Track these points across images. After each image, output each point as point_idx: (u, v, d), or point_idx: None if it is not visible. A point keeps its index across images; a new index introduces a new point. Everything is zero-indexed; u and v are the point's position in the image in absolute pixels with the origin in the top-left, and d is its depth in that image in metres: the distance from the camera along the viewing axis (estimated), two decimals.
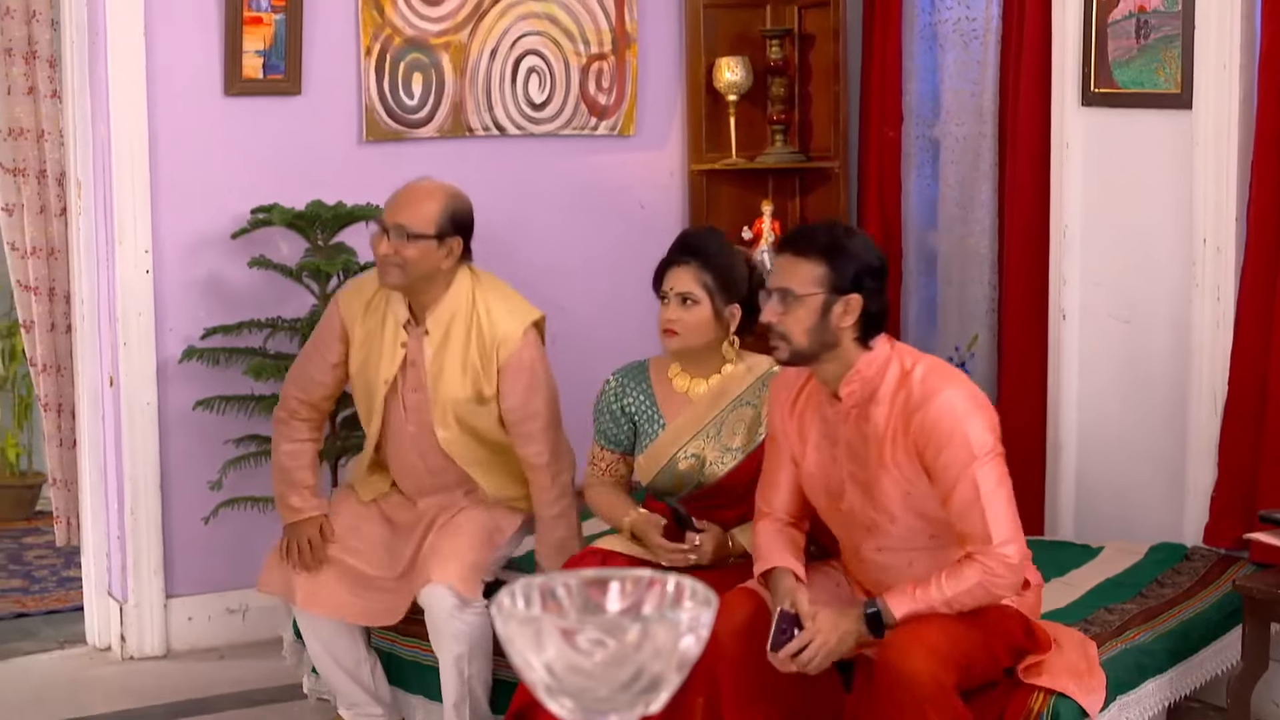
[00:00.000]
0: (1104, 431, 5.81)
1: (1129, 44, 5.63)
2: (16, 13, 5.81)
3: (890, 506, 4.05)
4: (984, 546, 3.93)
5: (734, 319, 4.60)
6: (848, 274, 4.01)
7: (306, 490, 5.01)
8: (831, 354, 4.05)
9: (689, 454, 4.62)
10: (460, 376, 4.81)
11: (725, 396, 4.63)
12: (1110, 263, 5.76)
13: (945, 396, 3.96)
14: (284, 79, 6.04)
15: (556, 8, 6.53)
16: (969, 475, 3.93)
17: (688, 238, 4.74)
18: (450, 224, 4.75)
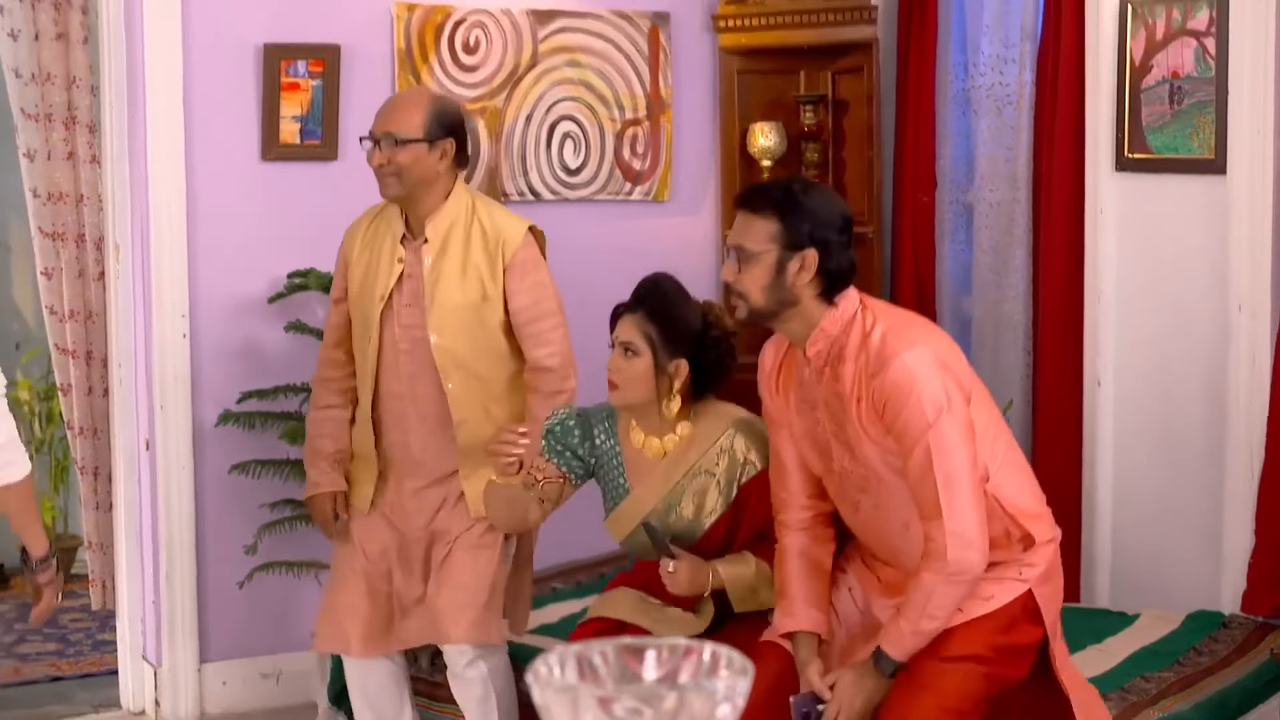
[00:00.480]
0: (1140, 498, 5.79)
1: (1162, 109, 5.64)
2: (58, 79, 5.86)
3: (875, 467, 3.93)
4: (936, 524, 3.79)
5: (678, 375, 4.37)
6: (802, 230, 3.89)
7: (324, 462, 4.97)
8: (792, 312, 3.93)
9: (656, 521, 4.45)
10: (459, 281, 4.77)
11: (680, 466, 4.43)
12: (1145, 328, 5.76)
13: (900, 361, 3.81)
14: (321, 144, 6.09)
15: (591, 74, 6.58)
16: (922, 444, 3.78)
17: (639, 285, 4.52)
18: (438, 125, 4.75)
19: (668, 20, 6.69)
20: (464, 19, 6.33)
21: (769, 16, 6.70)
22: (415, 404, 4.84)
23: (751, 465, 4.37)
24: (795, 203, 3.93)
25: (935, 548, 3.80)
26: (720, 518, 4.39)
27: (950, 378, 3.85)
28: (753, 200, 4.00)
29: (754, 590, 4.35)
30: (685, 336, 4.37)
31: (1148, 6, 5.67)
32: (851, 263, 3.96)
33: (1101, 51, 5.80)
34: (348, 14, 6.13)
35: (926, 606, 3.83)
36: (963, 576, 3.82)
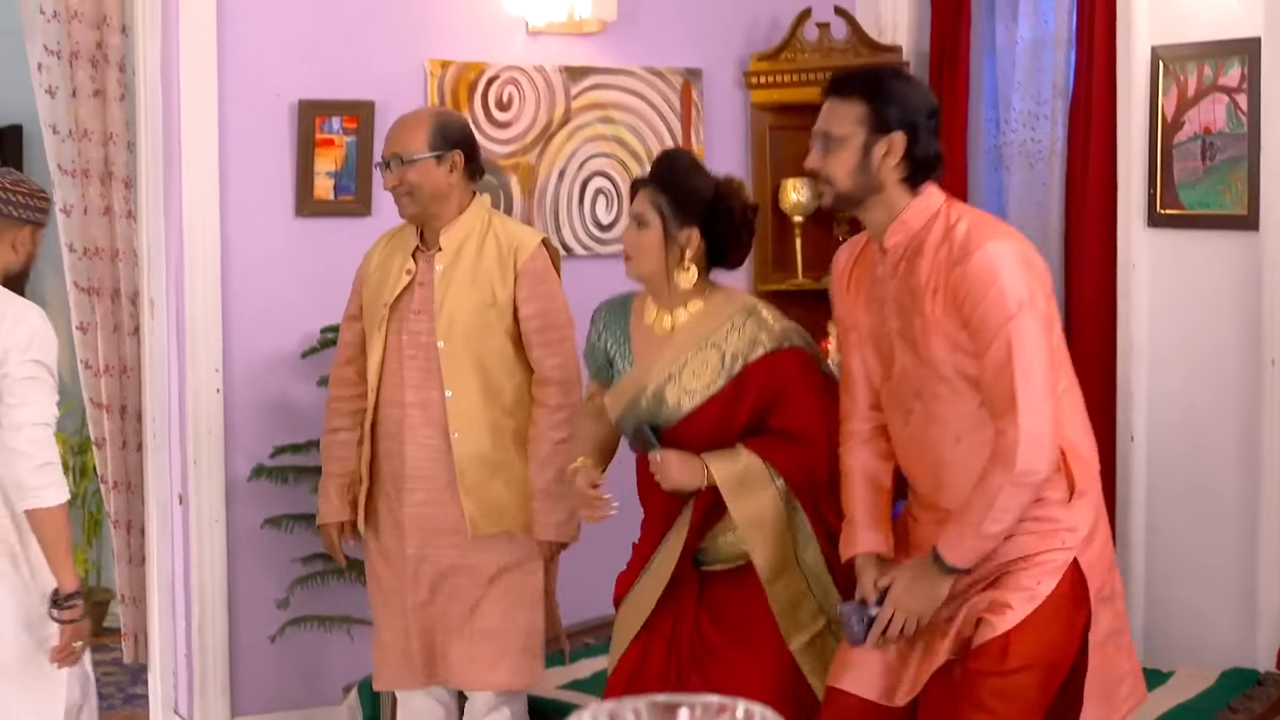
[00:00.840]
0: (1173, 553, 5.76)
1: (1195, 165, 5.64)
2: (94, 135, 5.90)
3: (938, 365, 3.85)
4: (1010, 419, 3.70)
5: (689, 245, 4.35)
6: (890, 114, 3.86)
7: (333, 490, 5.00)
8: (876, 199, 3.90)
9: (650, 394, 4.39)
10: (469, 287, 4.77)
11: (691, 338, 4.37)
12: (1178, 383, 5.75)
13: (986, 249, 3.76)
14: (354, 200, 6.12)
15: (624, 129, 6.61)
16: (1003, 335, 3.71)
17: (655, 160, 4.54)
18: (442, 139, 4.79)
19: (700, 77, 6.72)
20: (497, 76, 6.37)
21: (800, 73, 6.72)
22: (422, 411, 4.82)
23: (760, 345, 4.32)
24: (883, 86, 3.90)
25: (1006, 444, 3.71)
26: (717, 394, 4.32)
27: (1034, 276, 3.80)
28: (841, 85, 3.96)
29: (743, 483, 4.28)
30: (696, 206, 4.36)
31: (1179, 63, 5.67)
32: (938, 153, 3.92)
33: (1133, 107, 5.81)
34: (382, 71, 6.17)
35: (991, 509, 3.73)
36: (1030, 478, 3.73)
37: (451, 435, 4.77)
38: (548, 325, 4.80)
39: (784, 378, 4.30)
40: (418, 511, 4.85)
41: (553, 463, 4.75)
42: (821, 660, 4.27)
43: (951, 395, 3.86)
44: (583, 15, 6.38)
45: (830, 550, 4.28)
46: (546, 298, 4.81)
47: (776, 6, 6.86)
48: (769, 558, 4.29)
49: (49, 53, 5.82)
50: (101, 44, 5.90)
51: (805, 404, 4.30)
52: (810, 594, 4.31)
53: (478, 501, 4.78)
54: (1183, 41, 5.67)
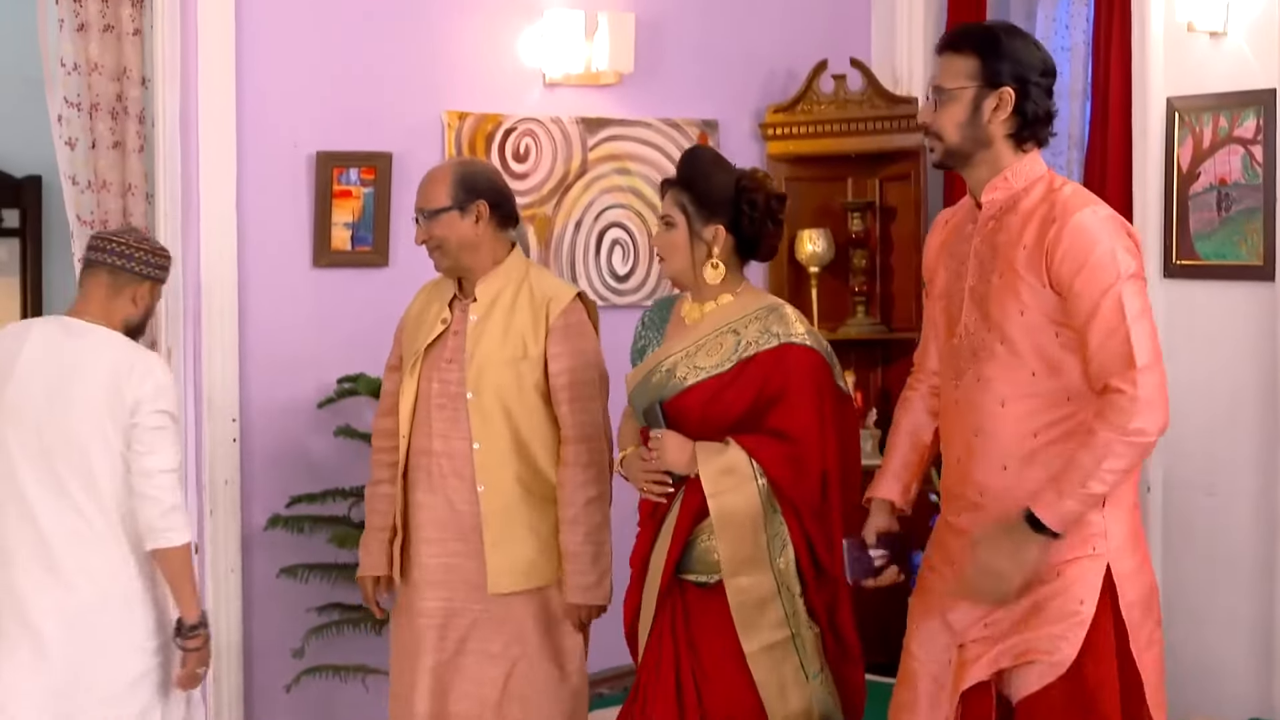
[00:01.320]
0: (1190, 603, 5.75)
1: (1210, 216, 5.65)
2: (113, 186, 5.93)
3: (1003, 323, 3.85)
4: (1129, 375, 3.68)
5: (716, 241, 4.38)
6: (1001, 69, 3.87)
7: (373, 543, 4.96)
8: (984, 155, 3.91)
9: (663, 369, 4.43)
10: (501, 339, 4.75)
11: (712, 324, 4.41)
12: (1194, 434, 5.74)
13: (1090, 211, 3.78)
14: (372, 250, 6.15)
15: (640, 180, 6.63)
16: (1114, 294, 3.72)
17: (679, 159, 4.58)
18: (464, 191, 4.78)
19: (716, 128, 6.74)
20: (514, 127, 6.39)
21: (816, 124, 6.75)
22: (449, 461, 4.79)
23: (774, 336, 4.33)
24: (996, 41, 3.91)
25: (1123, 401, 3.69)
26: (721, 374, 4.34)
27: (1137, 249, 3.81)
28: (954, 40, 3.99)
29: (726, 474, 4.26)
30: (719, 202, 4.39)
31: (1195, 114, 5.69)
32: (1049, 112, 3.93)
33: (1149, 158, 5.82)
34: (399, 122, 6.20)
35: (1100, 467, 3.69)
36: (1143, 438, 3.70)
37: (478, 488, 4.77)
38: (576, 381, 4.75)
39: (789, 373, 4.29)
40: (443, 563, 4.82)
41: (582, 523, 4.72)
42: (776, 673, 4.25)
43: (1008, 357, 3.86)
44: (600, 67, 6.42)
45: (809, 563, 4.27)
46: (577, 354, 4.77)
47: (792, 58, 6.89)
48: (734, 552, 4.28)
49: (69, 105, 5.85)
50: (121, 96, 5.94)
51: (804, 406, 4.28)
52: (779, 600, 4.28)
53: (501, 557, 4.74)
54: (1198, 93, 5.69)
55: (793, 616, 4.28)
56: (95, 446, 4.46)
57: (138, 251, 4.62)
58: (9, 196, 7.75)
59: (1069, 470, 3.73)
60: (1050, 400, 3.83)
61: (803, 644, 4.28)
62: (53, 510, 4.45)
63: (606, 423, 4.81)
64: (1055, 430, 3.83)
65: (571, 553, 4.72)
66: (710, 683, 4.28)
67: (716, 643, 4.29)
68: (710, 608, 4.32)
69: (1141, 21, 5.83)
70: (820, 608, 4.29)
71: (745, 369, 4.32)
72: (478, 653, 4.79)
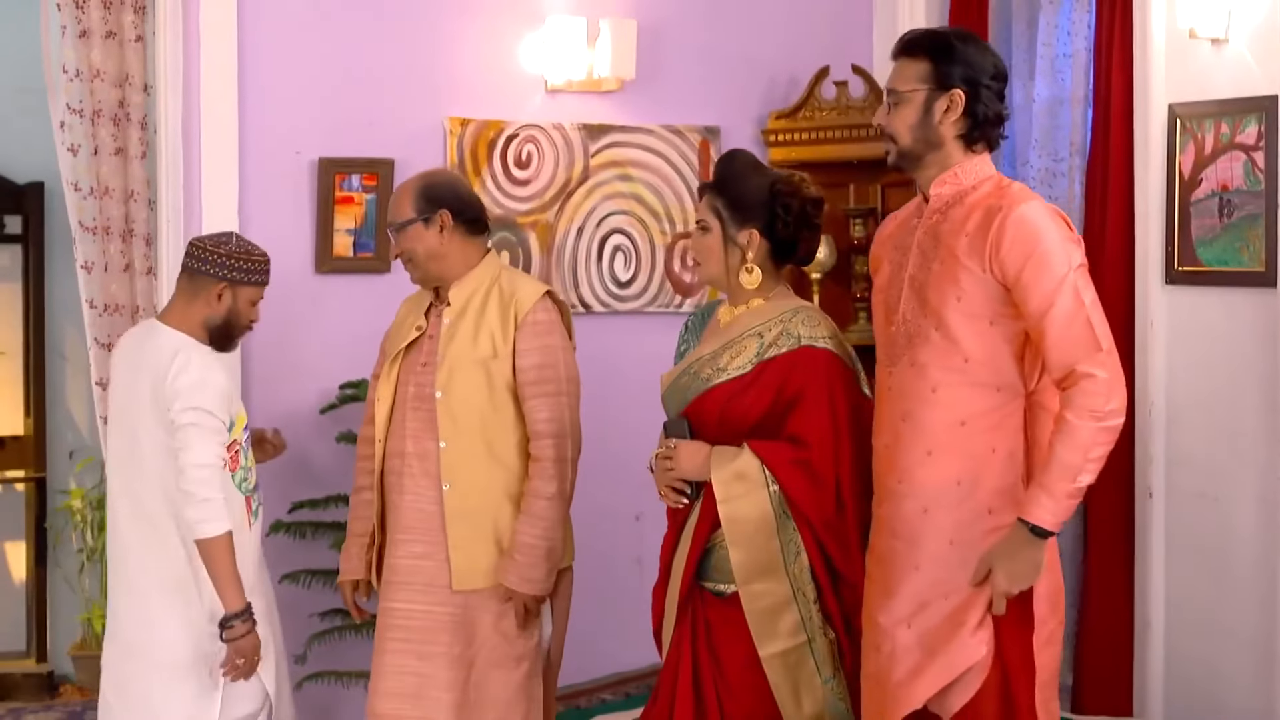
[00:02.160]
0: (1192, 610, 5.74)
1: (1212, 223, 5.65)
2: (115, 192, 5.93)
3: (940, 309, 3.92)
4: (1095, 358, 3.77)
5: (750, 245, 4.41)
6: (953, 72, 3.97)
7: (354, 546, 5.07)
8: (934, 156, 4.01)
9: (692, 370, 4.45)
10: (471, 340, 4.82)
11: (741, 326, 4.42)
12: (1196, 441, 5.74)
13: (1036, 204, 3.88)
14: (374, 257, 6.15)
15: (642, 187, 6.63)
16: (1069, 283, 3.82)
17: (716, 163, 4.58)
18: (425, 202, 4.87)
19: (718, 134, 6.74)
20: (516, 134, 6.40)
21: (818, 131, 6.75)
22: (420, 462, 4.84)
23: (795, 339, 4.33)
24: (948, 46, 4.00)
25: (1095, 385, 3.77)
26: (742, 376, 4.35)
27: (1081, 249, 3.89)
28: (908, 44, 4.07)
29: (737, 480, 4.27)
30: (752, 207, 4.41)
31: (1196, 120, 5.69)
32: (999, 115, 4.01)
33: (1151, 165, 5.82)
34: (401, 129, 6.21)
35: (1085, 460, 3.77)
36: (1116, 419, 3.78)
37: (443, 486, 4.79)
38: (543, 378, 4.80)
39: (807, 376, 4.28)
40: (410, 564, 4.86)
41: (538, 517, 4.77)
42: (790, 677, 4.25)
43: (942, 343, 3.92)
44: (601, 74, 6.42)
45: (824, 569, 4.26)
46: (544, 350, 4.81)
47: (794, 65, 6.89)
48: (747, 558, 4.28)
49: (71, 111, 5.86)
50: (124, 102, 5.94)
51: (818, 411, 4.27)
52: (794, 605, 4.27)
53: (464, 555, 4.79)
54: (1200, 100, 5.69)
55: (808, 622, 4.27)
56: (146, 441, 4.80)
57: (212, 254, 4.89)
58: (11, 203, 7.75)
59: (1052, 468, 3.79)
60: (980, 390, 3.91)
61: (817, 650, 4.27)
62: (123, 500, 4.88)
63: (574, 420, 4.85)
64: (983, 421, 3.91)
65: (524, 544, 4.77)
66: (732, 691, 4.28)
67: (737, 650, 4.30)
68: (730, 616, 4.32)
69: (1143, 28, 5.83)
70: (836, 614, 4.28)
71: (764, 371, 4.33)
72: (441, 655, 4.81)
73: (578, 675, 6.14)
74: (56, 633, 7.84)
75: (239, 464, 4.94)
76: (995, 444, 3.91)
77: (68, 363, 7.89)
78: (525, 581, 4.76)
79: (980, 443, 3.90)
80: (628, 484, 6.17)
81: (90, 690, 7.65)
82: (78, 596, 7.73)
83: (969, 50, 4.01)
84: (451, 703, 4.80)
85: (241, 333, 5.00)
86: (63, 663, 7.72)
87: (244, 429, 4.97)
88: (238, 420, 4.95)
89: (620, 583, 6.45)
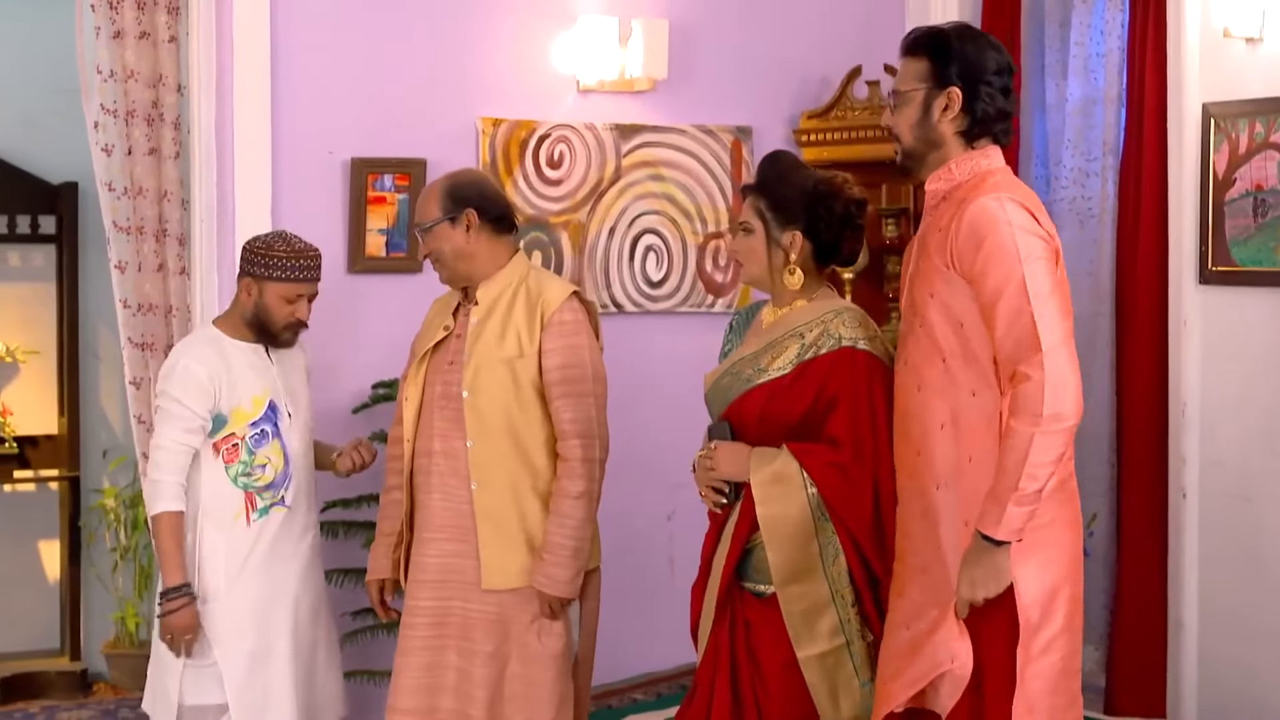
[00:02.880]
0: (1226, 610, 5.73)
1: (1246, 222, 5.63)
2: (149, 192, 5.95)
3: (922, 306, 3.95)
4: (1034, 359, 3.70)
5: (793, 247, 4.36)
6: (951, 69, 3.96)
7: (381, 545, 5.08)
8: (936, 155, 4.01)
9: (734, 371, 4.43)
10: (498, 339, 4.82)
11: (784, 327, 4.38)
12: (1229, 442, 5.72)
13: (993, 197, 3.83)
14: (406, 257, 6.16)
15: (674, 187, 6.63)
16: (1016, 278, 3.75)
17: (758, 164, 4.55)
18: (451, 201, 4.88)
19: (750, 134, 6.74)
20: (548, 134, 6.41)
21: (850, 130, 6.74)
22: (448, 461, 4.85)
23: (836, 340, 4.30)
24: (946, 44, 3.99)
25: (1030, 389, 3.70)
26: (782, 377, 4.33)
27: (1043, 236, 3.84)
28: (910, 44, 4.07)
29: (775, 482, 4.25)
30: (796, 207, 4.38)
31: (1230, 120, 5.67)
32: (1001, 110, 3.99)
33: (1184, 165, 5.80)
34: (434, 129, 6.22)
35: (1024, 465, 3.70)
36: (1060, 424, 3.71)
37: (471, 485, 4.80)
38: (568, 378, 4.81)
39: (847, 377, 4.26)
40: (440, 562, 4.88)
41: (566, 517, 4.77)
42: (829, 679, 4.23)
43: (925, 340, 3.94)
44: (634, 74, 6.42)
45: (862, 572, 4.25)
46: (570, 350, 4.82)
47: (827, 65, 6.88)
48: (785, 559, 4.25)
49: (106, 111, 5.88)
50: (157, 103, 5.96)
51: (857, 412, 4.24)
52: (833, 608, 4.25)
53: (494, 554, 4.80)
54: (1234, 99, 5.67)
55: (846, 624, 4.25)
56: None
57: (244, 251, 5.10)
58: (46, 203, 7.79)
59: (999, 476, 3.76)
60: (958, 392, 3.88)
61: (855, 652, 4.25)
62: None
63: (601, 421, 4.85)
64: (961, 423, 3.88)
65: (553, 544, 4.77)
66: (770, 691, 4.27)
67: (776, 651, 4.28)
68: (769, 616, 4.30)
69: (1177, 27, 5.82)
70: (875, 616, 4.26)
71: (804, 372, 4.30)
72: (470, 652, 4.83)
73: (609, 675, 6.14)
74: (90, 631, 7.87)
75: (236, 458, 5.02)
76: (972, 451, 3.87)
77: (101, 362, 7.92)
78: (550, 581, 4.77)
79: (960, 449, 3.88)
80: (660, 483, 6.18)
81: (123, 688, 7.68)
82: (111, 595, 7.76)
83: (967, 48, 3.99)
84: (483, 700, 4.81)
85: (280, 329, 5.08)
86: (96, 661, 7.74)
87: (249, 424, 5.03)
88: (234, 414, 5.01)
89: (652, 582, 6.45)
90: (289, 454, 5.11)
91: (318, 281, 5.15)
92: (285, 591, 5.12)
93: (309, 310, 5.13)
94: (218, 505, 5.03)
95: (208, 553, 5.07)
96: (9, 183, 7.71)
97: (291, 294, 5.05)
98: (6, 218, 7.76)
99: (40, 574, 8.03)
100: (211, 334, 5.10)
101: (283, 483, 5.08)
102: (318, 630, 5.19)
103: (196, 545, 5.07)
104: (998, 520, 3.75)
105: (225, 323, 5.13)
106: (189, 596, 4.98)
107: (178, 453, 5.00)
